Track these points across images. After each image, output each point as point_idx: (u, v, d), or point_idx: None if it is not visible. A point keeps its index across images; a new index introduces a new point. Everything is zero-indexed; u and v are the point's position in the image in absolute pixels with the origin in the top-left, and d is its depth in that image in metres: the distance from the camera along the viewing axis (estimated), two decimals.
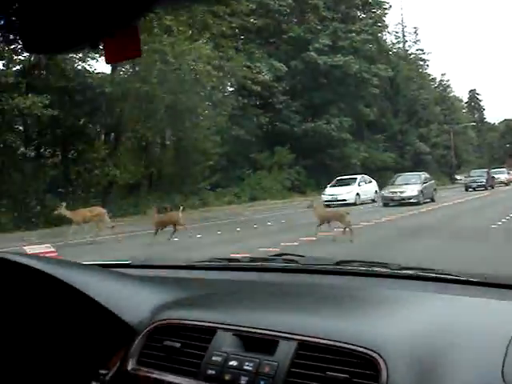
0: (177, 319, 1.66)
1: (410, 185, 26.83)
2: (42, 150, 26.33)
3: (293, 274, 2.23)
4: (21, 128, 24.95)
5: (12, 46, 22.89)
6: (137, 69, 27.22)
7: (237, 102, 33.62)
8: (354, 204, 27.44)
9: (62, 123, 24.69)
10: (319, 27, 42.41)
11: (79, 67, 27.05)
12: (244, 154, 34.78)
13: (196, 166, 30.24)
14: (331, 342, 1.38)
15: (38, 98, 22.09)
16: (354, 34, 43.66)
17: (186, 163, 29.84)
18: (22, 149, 25.11)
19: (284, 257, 2.47)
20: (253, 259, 2.53)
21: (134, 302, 1.82)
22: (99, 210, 17.02)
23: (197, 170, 30.34)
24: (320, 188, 32.86)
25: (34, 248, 9.84)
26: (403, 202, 25.33)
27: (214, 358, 1.49)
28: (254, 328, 1.51)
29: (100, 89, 26.19)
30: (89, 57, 25.91)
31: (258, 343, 1.48)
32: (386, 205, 26.03)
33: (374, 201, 30.00)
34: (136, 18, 0.99)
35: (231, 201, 31.22)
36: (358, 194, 29.20)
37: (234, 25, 34.32)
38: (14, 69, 24.41)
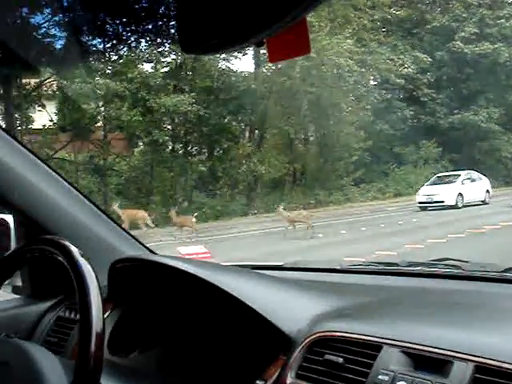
0: (339, 332, 1.53)
1: None
2: (189, 148, 27.25)
3: (456, 280, 2.04)
4: (169, 127, 25.91)
5: (159, 49, 23.80)
6: (279, 66, 27.40)
7: (380, 96, 33.04)
8: (455, 206, 23.58)
9: (207, 121, 25.55)
10: (465, 15, 40.71)
11: (223, 67, 27.73)
12: (388, 148, 34.02)
13: (340, 162, 30.10)
14: None
15: (185, 96, 23.07)
16: (502, 21, 41.41)
17: (329, 159, 29.86)
18: (171, 146, 26.09)
19: (446, 262, 2.27)
20: (412, 263, 2.34)
21: (291, 309, 1.71)
22: (142, 213, 19.42)
23: (340, 166, 30.16)
24: None
25: (188, 249, 10.01)
26: None
27: (380, 377, 1.37)
28: (425, 346, 1.35)
29: (244, 87, 26.76)
30: (232, 56, 26.49)
31: (427, 362, 1.32)
32: None
33: (484, 202, 25.17)
34: (305, 11, 0.84)
35: (375, 196, 30.70)
36: (460, 194, 24.55)
37: (375, 17, 33.85)
38: (162, 71, 25.46)
